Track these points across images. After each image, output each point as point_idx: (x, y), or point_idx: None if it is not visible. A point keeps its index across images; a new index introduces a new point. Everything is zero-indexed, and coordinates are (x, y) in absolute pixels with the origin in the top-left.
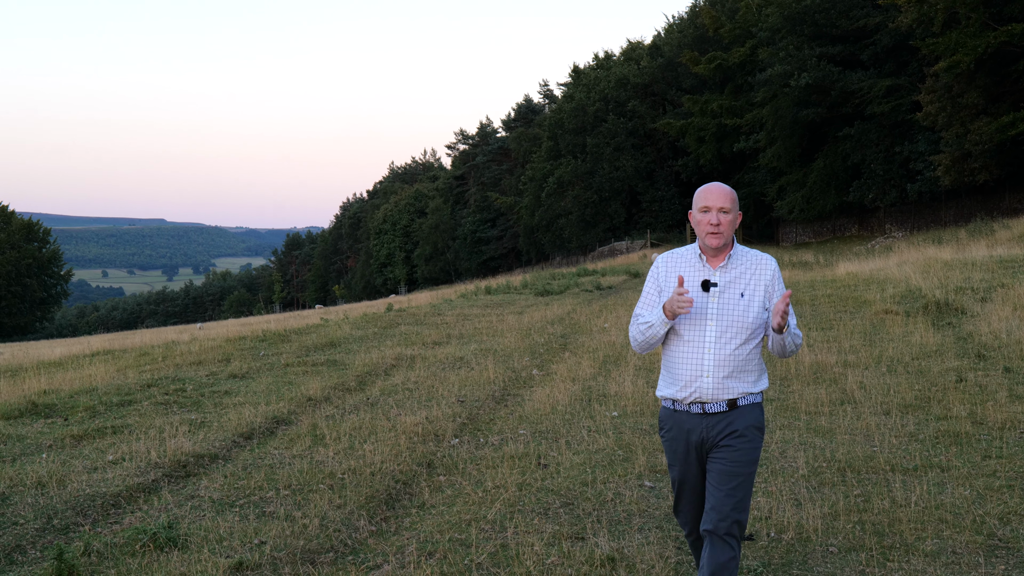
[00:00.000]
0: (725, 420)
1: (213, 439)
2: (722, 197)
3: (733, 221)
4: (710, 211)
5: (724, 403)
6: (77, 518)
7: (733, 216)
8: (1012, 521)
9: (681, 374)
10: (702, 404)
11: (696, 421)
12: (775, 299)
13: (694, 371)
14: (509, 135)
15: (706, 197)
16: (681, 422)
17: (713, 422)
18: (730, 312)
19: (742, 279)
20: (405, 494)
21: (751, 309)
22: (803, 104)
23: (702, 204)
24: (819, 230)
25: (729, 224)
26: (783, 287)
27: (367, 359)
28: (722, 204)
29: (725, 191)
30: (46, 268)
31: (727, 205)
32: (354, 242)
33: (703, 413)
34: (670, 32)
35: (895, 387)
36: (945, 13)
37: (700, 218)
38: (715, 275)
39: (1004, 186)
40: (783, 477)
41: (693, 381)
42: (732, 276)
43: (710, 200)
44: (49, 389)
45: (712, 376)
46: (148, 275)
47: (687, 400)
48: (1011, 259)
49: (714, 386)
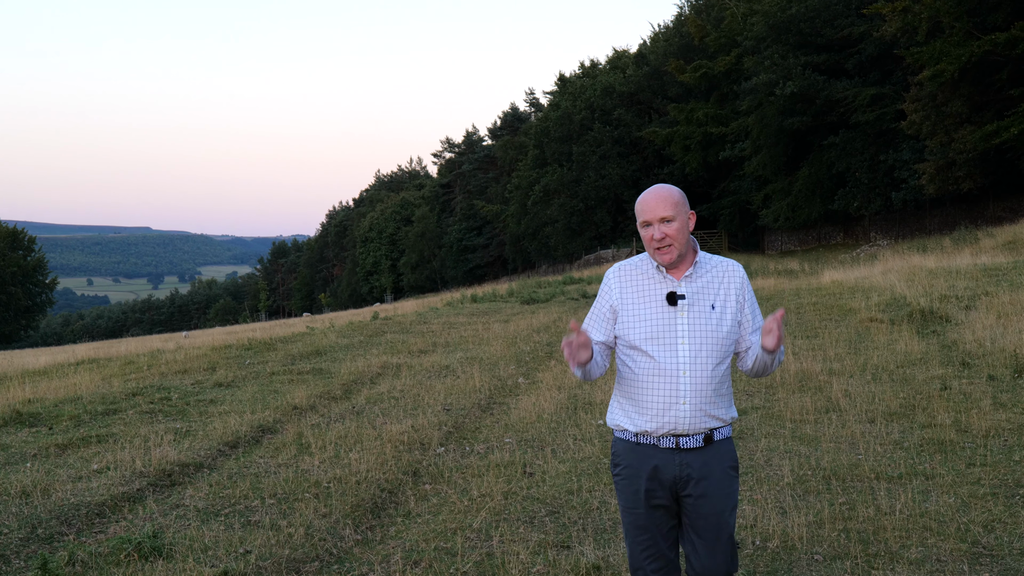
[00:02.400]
0: (701, 459)
1: (198, 448)
2: (661, 204)
3: (683, 227)
4: (651, 225)
5: (701, 437)
6: (61, 527)
7: (681, 222)
8: (996, 529)
9: (650, 402)
10: (676, 437)
11: (667, 457)
12: (745, 310)
13: (667, 398)
14: (495, 143)
15: (643, 209)
16: (646, 458)
17: (688, 459)
18: (702, 327)
19: (710, 289)
20: (391, 503)
21: (724, 323)
22: (788, 113)
23: (641, 218)
24: (804, 238)
25: (678, 232)
26: (752, 295)
27: (353, 367)
28: (663, 213)
29: (663, 196)
30: (31, 276)
31: (669, 213)
32: (340, 250)
33: (676, 448)
34: (656, 41)
35: (880, 395)
36: (929, 22)
37: (643, 233)
38: (680, 286)
39: (988, 194)
40: (768, 485)
41: (667, 410)
42: (700, 286)
43: (648, 212)
44: (34, 398)
45: (690, 403)
46: (133, 283)
47: (658, 433)
48: (995, 267)
49: (691, 415)
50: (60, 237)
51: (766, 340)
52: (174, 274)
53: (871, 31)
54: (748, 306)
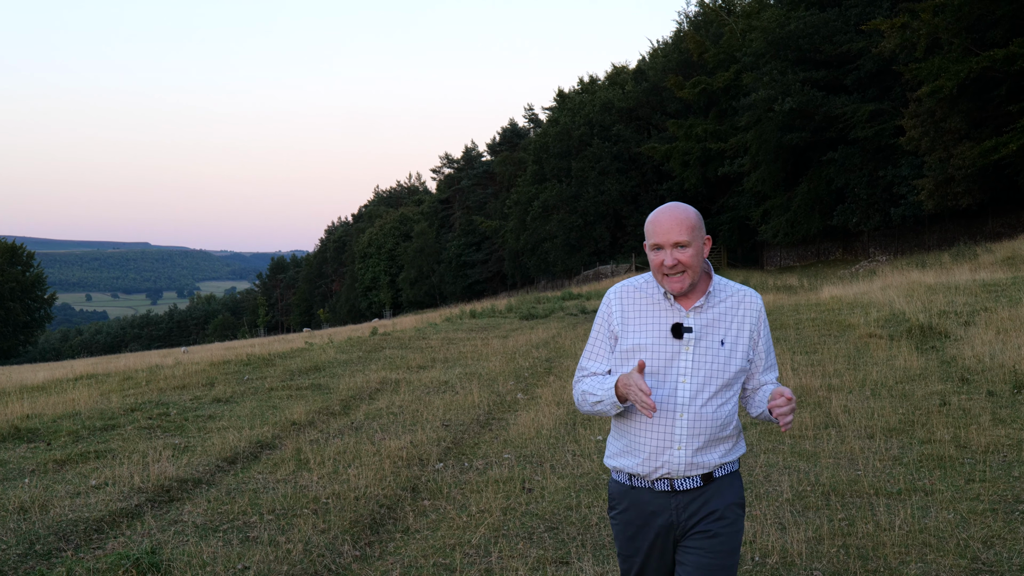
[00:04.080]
0: (700, 499)
1: (197, 464)
2: (676, 227)
3: (698, 254)
4: (663, 249)
5: (698, 478)
6: (60, 543)
7: (696, 248)
8: (995, 545)
9: (642, 444)
10: (670, 480)
11: (662, 501)
12: (760, 347)
13: (660, 441)
14: (494, 159)
15: (655, 231)
16: (642, 502)
17: (684, 501)
18: (708, 365)
19: (722, 322)
20: (389, 519)
21: (733, 361)
22: (787, 128)
23: (652, 240)
24: (803, 254)
25: (692, 260)
26: (768, 331)
27: (352, 383)
28: (678, 238)
29: (680, 218)
30: (29, 292)
31: (684, 237)
32: (339, 266)
33: (671, 491)
34: (655, 57)
35: (879, 411)
36: (928, 38)
37: (653, 257)
38: (688, 317)
39: (987, 210)
40: (767, 501)
41: (659, 454)
42: (710, 318)
43: (660, 234)
44: (32, 413)
45: (685, 448)
46: (132, 299)
47: (651, 476)
48: (994, 283)
49: (686, 460)
50: (59, 252)
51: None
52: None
53: (870, 47)
54: (763, 343)
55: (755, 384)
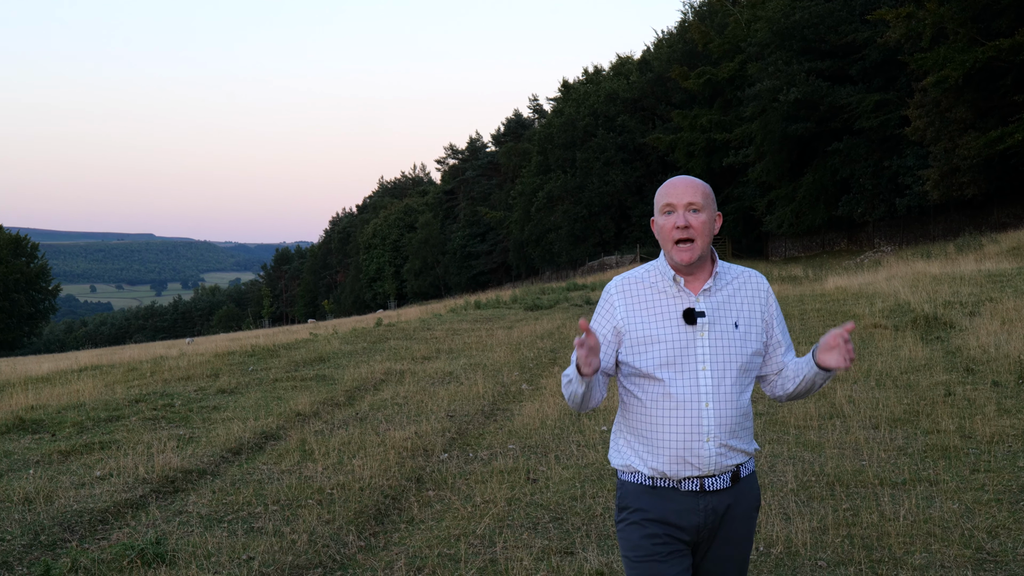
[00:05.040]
0: (726, 501)
1: (201, 454)
2: (692, 190)
3: (709, 223)
4: (675, 210)
5: (728, 476)
6: (64, 534)
7: (708, 216)
8: (1000, 535)
9: (668, 440)
10: (700, 480)
11: (689, 502)
12: (774, 328)
13: (689, 435)
14: (499, 150)
15: (669, 193)
16: (663, 504)
17: (713, 504)
18: (727, 349)
19: (733, 303)
20: (394, 509)
21: (748, 342)
22: (792, 119)
23: (664, 202)
24: (808, 244)
25: (704, 227)
26: (779, 310)
27: (356, 374)
28: (691, 199)
29: (694, 183)
30: (34, 283)
31: (698, 200)
32: (343, 257)
33: (700, 491)
34: (659, 47)
35: (884, 401)
36: (933, 28)
37: (663, 222)
38: (699, 302)
39: (992, 200)
40: (772, 491)
41: (688, 448)
42: (720, 301)
43: (674, 195)
44: (37, 404)
45: (715, 439)
46: (137, 290)
47: (678, 476)
48: (999, 273)
49: (717, 452)
50: (63, 244)
51: (828, 357)
52: (177, 281)
53: (875, 37)
54: (776, 323)
55: (778, 367)
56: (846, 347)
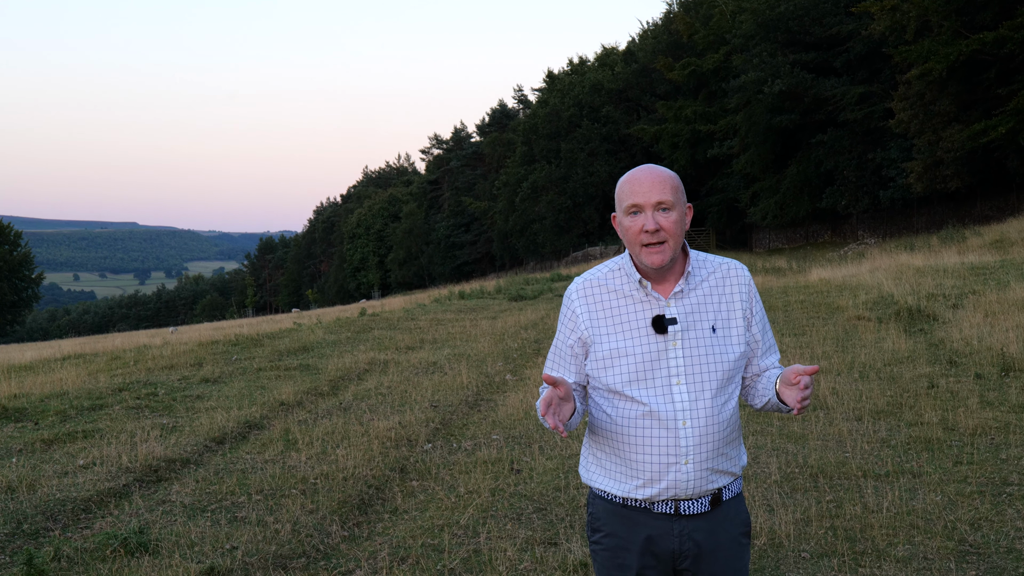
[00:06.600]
0: (706, 526)
1: (185, 444)
2: (660, 186)
3: (680, 221)
4: (642, 211)
5: (707, 500)
6: (47, 523)
7: (679, 213)
8: (983, 527)
9: (640, 462)
10: (675, 503)
11: (663, 525)
12: (753, 327)
13: (664, 456)
14: (483, 140)
15: (633, 190)
16: (635, 525)
17: (689, 528)
18: (703, 359)
19: (709, 304)
20: (378, 499)
21: (729, 347)
22: (776, 111)
23: (628, 201)
24: (792, 236)
25: (675, 227)
26: (761, 306)
27: (340, 364)
28: (660, 197)
29: (661, 177)
30: (17, 271)
31: (668, 197)
32: (327, 246)
33: (675, 514)
34: (644, 38)
35: (867, 393)
36: (917, 21)
37: (629, 224)
38: (670, 307)
39: (975, 193)
40: (756, 483)
41: (663, 473)
42: (695, 303)
43: (640, 194)
44: (19, 393)
45: (694, 460)
46: (120, 279)
47: (654, 498)
48: (982, 266)
49: (696, 475)
50: (46, 232)
51: (785, 392)
52: (161, 270)
53: (859, 29)
54: (756, 321)
55: (755, 370)
56: (802, 391)
